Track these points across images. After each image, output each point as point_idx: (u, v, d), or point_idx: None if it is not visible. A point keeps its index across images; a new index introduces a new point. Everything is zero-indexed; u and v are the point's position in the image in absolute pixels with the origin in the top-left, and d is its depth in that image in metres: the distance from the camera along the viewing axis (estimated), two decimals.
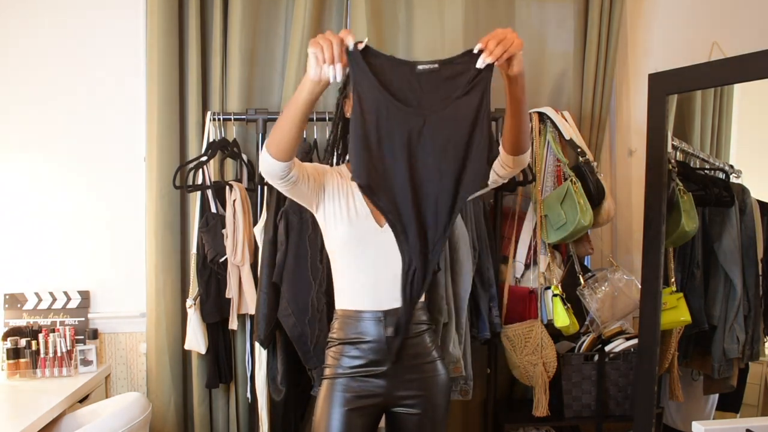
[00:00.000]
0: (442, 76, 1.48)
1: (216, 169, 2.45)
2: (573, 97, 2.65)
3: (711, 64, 2.05)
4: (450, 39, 2.58)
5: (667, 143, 2.13)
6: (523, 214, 2.52)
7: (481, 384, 2.53)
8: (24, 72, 2.52)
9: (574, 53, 2.64)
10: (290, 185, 1.58)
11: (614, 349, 2.43)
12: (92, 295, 2.59)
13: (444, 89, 1.48)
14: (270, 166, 1.52)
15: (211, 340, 2.40)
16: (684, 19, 2.79)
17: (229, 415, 2.54)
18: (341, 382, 1.66)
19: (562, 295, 2.37)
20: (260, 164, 1.56)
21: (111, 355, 2.61)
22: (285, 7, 2.56)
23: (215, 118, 2.38)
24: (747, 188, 2.42)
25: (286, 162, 1.51)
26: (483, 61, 1.43)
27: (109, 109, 2.56)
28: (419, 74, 1.47)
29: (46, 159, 2.55)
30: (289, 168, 1.53)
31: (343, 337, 1.68)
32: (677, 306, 2.33)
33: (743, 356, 2.40)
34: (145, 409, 2.06)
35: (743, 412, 2.50)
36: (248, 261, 2.31)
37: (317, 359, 2.17)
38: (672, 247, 2.39)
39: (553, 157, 2.49)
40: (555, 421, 2.48)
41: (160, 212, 2.45)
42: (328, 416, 1.63)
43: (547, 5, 2.68)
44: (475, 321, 2.36)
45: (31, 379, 2.36)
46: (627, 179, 2.78)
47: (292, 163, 1.54)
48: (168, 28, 2.41)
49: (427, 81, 1.48)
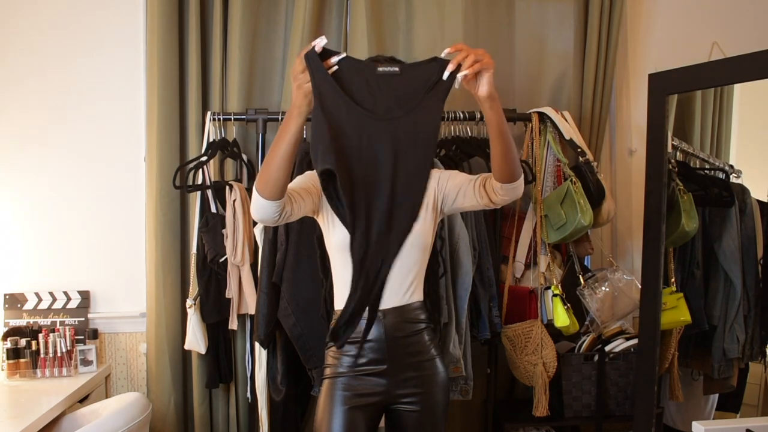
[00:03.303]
0: (402, 80, 1.47)
1: (216, 169, 2.45)
2: (573, 97, 2.65)
3: (711, 64, 2.05)
4: (450, 39, 2.58)
5: (667, 143, 2.13)
6: (523, 214, 2.52)
7: (481, 384, 2.53)
8: (24, 72, 2.52)
9: (574, 53, 2.64)
10: (285, 220, 1.56)
11: (614, 349, 2.43)
12: (92, 295, 2.59)
13: (402, 93, 1.46)
14: (262, 207, 1.48)
15: (211, 340, 2.40)
16: (684, 19, 2.79)
17: (229, 415, 2.54)
18: (342, 381, 1.67)
19: (562, 295, 2.37)
20: (252, 209, 1.52)
21: (111, 355, 2.61)
22: (285, 7, 2.56)
23: (215, 118, 2.38)
24: (747, 188, 2.42)
25: (279, 200, 1.48)
26: (448, 70, 1.44)
27: (109, 109, 2.56)
28: (378, 76, 1.46)
29: (45, 159, 2.55)
30: (282, 205, 1.50)
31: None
32: (677, 306, 2.33)
33: (743, 356, 2.41)
34: (145, 409, 2.06)
35: (743, 412, 2.50)
36: (248, 261, 2.31)
37: (317, 359, 2.17)
38: (672, 247, 2.39)
39: (553, 157, 2.49)
40: (555, 421, 2.48)
41: (160, 212, 2.45)
42: (329, 415, 1.64)
43: (547, 5, 2.68)
44: (475, 321, 2.36)
45: (31, 379, 2.36)
46: (627, 179, 2.78)
47: (285, 198, 1.50)
48: (168, 28, 2.41)
49: (387, 84, 1.46)
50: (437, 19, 2.58)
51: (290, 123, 1.44)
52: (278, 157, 1.44)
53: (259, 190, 1.48)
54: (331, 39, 2.57)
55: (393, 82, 1.46)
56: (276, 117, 2.37)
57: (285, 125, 1.45)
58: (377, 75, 1.46)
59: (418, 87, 1.47)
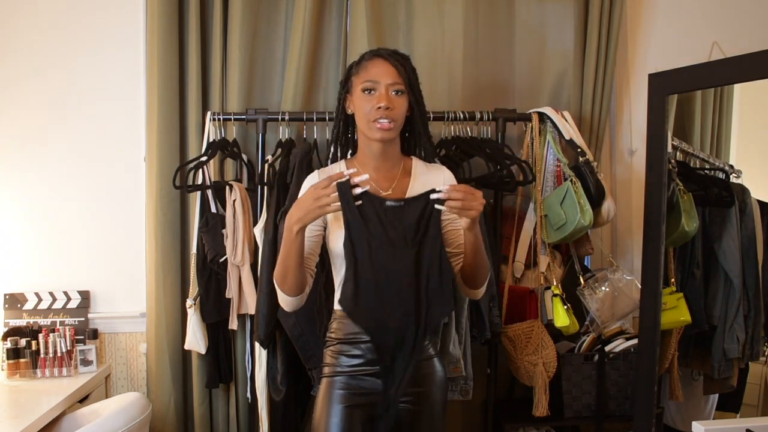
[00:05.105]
0: (405, 213, 1.61)
1: (216, 169, 2.45)
2: (573, 97, 2.64)
3: (711, 64, 2.05)
4: (450, 39, 2.58)
5: (667, 143, 2.13)
6: (523, 214, 2.51)
7: (481, 384, 2.53)
8: (23, 71, 2.52)
9: (574, 53, 2.63)
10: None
11: (614, 349, 2.43)
12: (92, 295, 2.59)
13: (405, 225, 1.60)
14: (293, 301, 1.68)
15: (211, 340, 2.40)
16: (684, 19, 2.79)
17: (229, 415, 2.54)
18: (340, 381, 1.67)
19: (562, 295, 2.36)
20: (282, 304, 1.70)
21: (111, 355, 2.61)
22: (285, 7, 2.56)
23: (215, 118, 2.37)
24: (747, 188, 2.42)
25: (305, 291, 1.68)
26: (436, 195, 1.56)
27: (109, 109, 2.56)
28: (386, 209, 1.61)
29: (46, 159, 2.55)
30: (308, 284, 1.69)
31: (341, 337, 1.69)
32: (677, 306, 2.33)
33: (743, 356, 2.40)
34: (145, 409, 2.06)
35: (743, 412, 2.51)
36: (248, 261, 2.31)
37: (317, 359, 2.17)
38: (672, 247, 2.39)
39: (553, 157, 2.49)
40: (555, 421, 2.48)
41: (160, 212, 2.45)
42: (327, 414, 1.65)
43: (547, 5, 2.68)
44: (475, 321, 2.36)
45: (31, 379, 2.36)
46: (627, 179, 2.78)
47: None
48: (168, 28, 2.41)
49: (393, 216, 1.61)
50: (437, 19, 2.58)
51: (295, 239, 1.57)
52: (292, 268, 1.60)
53: (286, 292, 1.66)
54: (331, 39, 2.58)
55: (398, 214, 1.61)
56: (276, 117, 2.37)
57: (289, 242, 1.58)
58: (386, 208, 1.61)
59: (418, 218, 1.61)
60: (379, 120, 1.64)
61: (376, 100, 1.65)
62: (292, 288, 1.63)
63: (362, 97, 1.67)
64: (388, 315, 1.59)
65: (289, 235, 1.56)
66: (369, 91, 1.66)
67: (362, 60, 1.73)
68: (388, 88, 1.65)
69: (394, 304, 1.59)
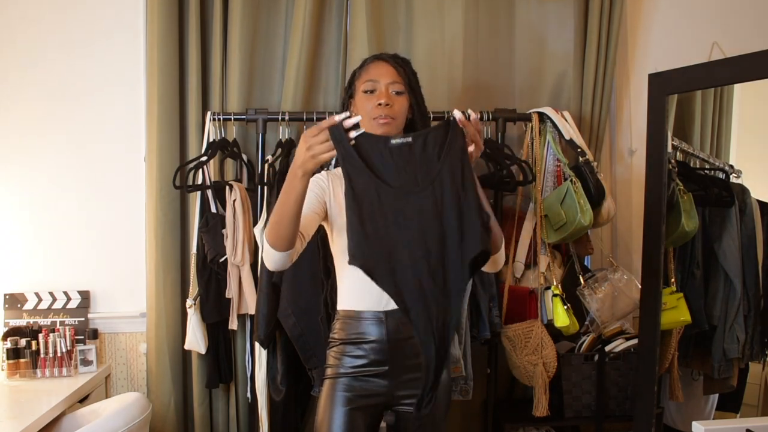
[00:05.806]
0: (416, 150, 1.45)
1: (216, 169, 2.45)
2: (573, 97, 2.64)
3: (711, 64, 2.05)
4: (450, 39, 2.58)
5: (667, 143, 2.13)
6: (523, 214, 2.51)
7: (481, 384, 2.53)
8: (23, 72, 2.52)
9: (574, 53, 2.63)
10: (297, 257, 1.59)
11: (614, 349, 2.43)
12: (92, 295, 2.59)
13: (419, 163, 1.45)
14: (278, 259, 1.53)
15: (211, 340, 2.40)
16: (684, 19, 2.79)
17: (229, 415, 2.54)
18: (343, 382, 1.66)
19: (562, 295, 2.36)
20: (266, 261, 1.56)
21: (111, 355, 2.61)
22: (285, 7, 2.56)
23: (215, 118, 2.37)
24: (747, 188, 2.42)
25: (292, 249, 1.53)
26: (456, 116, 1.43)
27: (109, 109, 2.56)
28: (392, 149, 1.45)
29: (45, 159, 2.55)
30: (296, 249, 1.55)
31: (345, 337, 1.68)
32: (677, 306, 2.33)
33: (743, 356, 2.40)
34: (145, 409, 2.06)
35: (743, 412, 2.50)
36: (248, 261, 2.31)
37: (317, 359, 2.17)
38: (672, 247, 2.39)
39: (553, 157, 2.49)
40: (555, 421, 2.48)
41: (160, 212, 2.45)
42: (330, 415, 1.64)
43: (547, 5, 2.68)
44: (475, 321, 2.36)
45: (31, 379, 2.36)
46: (627, 179, 2.78)
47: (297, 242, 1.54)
48: (168, 28, 2.41)
49: (401, 156, 1.45)
50: (437, 19, 2.58)
51: (296, 184, 1.44)
52: (287, 216, 1.48)
53: (272, 244, 1.51)
54: (331, 39, 2.58)
55: (407, 153, 1.45)
56: (276, 117, 2.37)
57: (290, 186, 1.45)
58: (391, 147, 1.45)
59: (431, 151, 1.45)
60: (380, 117, 1.65)
61: (375, 98, 1.67)
62: (282, 239, 1.50)
63: (363, 98, 1.69)
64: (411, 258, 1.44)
65: (293, 179, 1.44)
66: (370, 91, 1.68)
67: (364, 64, 1.76)
68: (388, 87, 1.67)
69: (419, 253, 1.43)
